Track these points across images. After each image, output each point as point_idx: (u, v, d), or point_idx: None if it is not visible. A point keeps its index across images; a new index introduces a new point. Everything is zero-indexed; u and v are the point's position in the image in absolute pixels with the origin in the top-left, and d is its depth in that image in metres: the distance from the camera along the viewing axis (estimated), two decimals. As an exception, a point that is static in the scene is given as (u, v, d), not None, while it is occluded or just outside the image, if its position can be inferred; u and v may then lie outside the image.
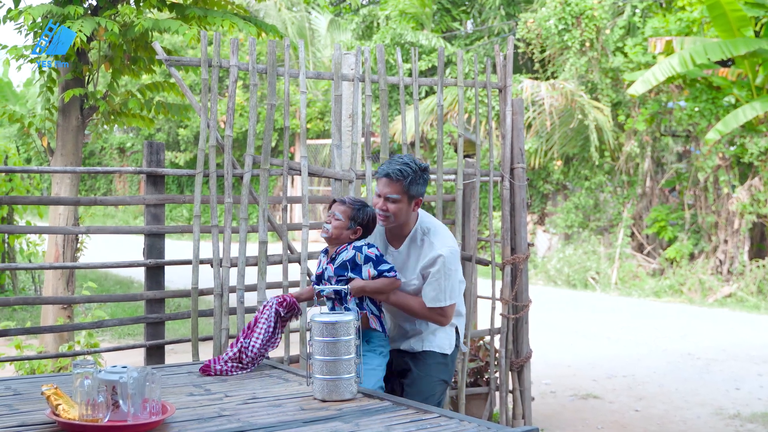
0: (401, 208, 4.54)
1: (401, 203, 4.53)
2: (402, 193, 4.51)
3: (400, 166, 4.51)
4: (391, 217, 4.57)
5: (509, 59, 6.95)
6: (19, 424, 3.41)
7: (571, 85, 19.22)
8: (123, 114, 9.50)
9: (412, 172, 4.51)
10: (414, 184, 4.53)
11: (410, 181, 4.50)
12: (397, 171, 4.49)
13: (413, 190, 4.53)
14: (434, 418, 3.66)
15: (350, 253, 4.48)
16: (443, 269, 4.51)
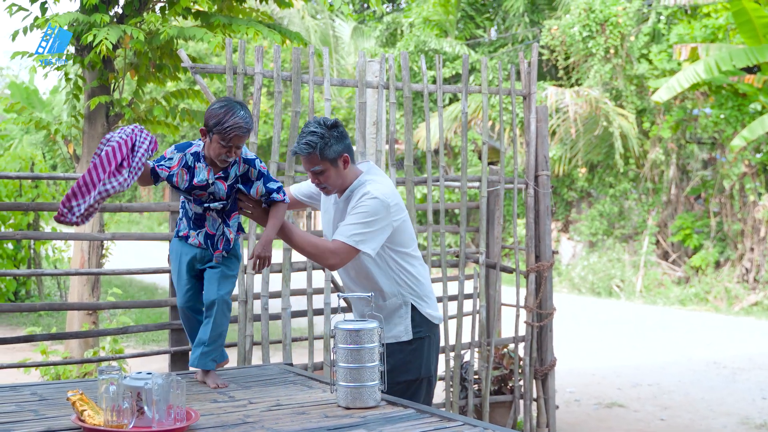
0: (330, 174, 4.34)
1: (328, 171, 4.33)
2: (321, 162, 4.30)
3: (305, 138, 4.31)
4: (328, 187, 4.40)
5: (534, 66, 6.93)
6: (46, 429, 3.43)
7: (595, 92, 19.16)
8: (148, 121, 9.55)
9: (319, 138, 4.28)
10: (327, 147, 4.29)
11: (321, 147, 4.28)
12: (303, 146, 4.30)
13: (330, 153, 4.30)
14: (458, 426, 3.65)
15: (242, 167, 4.34)
16: (362, 208, 4.30)
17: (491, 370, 6.89)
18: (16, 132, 26.55)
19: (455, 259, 7.08)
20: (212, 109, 4.20)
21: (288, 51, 21.99)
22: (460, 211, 6.70)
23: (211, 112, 4.19)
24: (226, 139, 4.15)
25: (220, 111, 4.16)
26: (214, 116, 4.16)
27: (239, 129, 4.15)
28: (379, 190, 4.35)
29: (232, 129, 4.14)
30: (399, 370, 4.47)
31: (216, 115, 4.16)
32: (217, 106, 4.19)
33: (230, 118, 4.14)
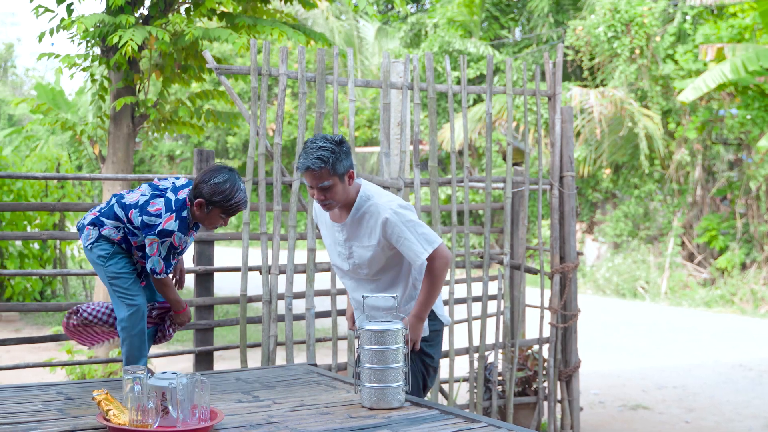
0: (338, 190, 4.27)
1: (336, 186, 4.26)
2: (331, 176, 4.22)
3: (317, 153, 4.20)
4: (332, 203, 4.32)
5: (558, 67, 6.91)
6: (71, 428, 3.45)
7: (620, 92, 19.07)
8: (173, 122, 9.59)
9: (331, 153, 4.20)
10: (338, 162, 4.22)
11: (333, 162, 4.20)
12: (317, 160, 4.18)
13: (340, 168, 4.23)
14: (483, 428, 3.64)
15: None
16: (401, 225, 4.29)
17: (515, 371, 6.88)
18: (42, 133, 26.71)
19: (479, 260, 7.06)
20: (216, 184, 4.23)
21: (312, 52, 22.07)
22: (485, 212, 6.69)
23: (215, 187, 4.23)
24: (230, 213, 4.31)
25: (225, 187, 4.23)
26: (219, 192, 4.23)
27: (243, 204, 4.32)
28: (394, 201, 4.39)
29: (238, 205, 4.29)
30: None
31: (221, 192, 4.23)
32: (220, 180, 4.23)
33: (236, 195, 4.26)
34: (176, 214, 4.26)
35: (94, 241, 4.35)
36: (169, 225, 4.23)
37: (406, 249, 4.30)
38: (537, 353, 7.19)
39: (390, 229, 4.29)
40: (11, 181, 12.79)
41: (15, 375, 8.85)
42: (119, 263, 4.36)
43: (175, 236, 4.25)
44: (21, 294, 13.10)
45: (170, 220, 4.24)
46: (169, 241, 4.24)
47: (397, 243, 4.31)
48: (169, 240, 4.24)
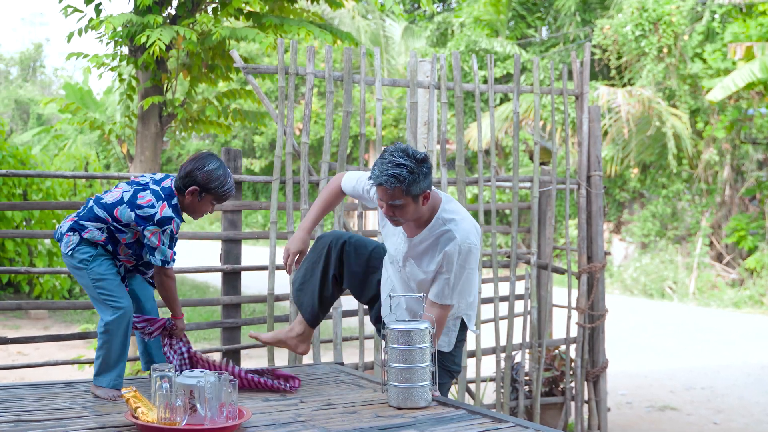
0: (409, 210, 4.01)
1: (408, 206, 3.99)
2: (404, 197, 3.95)
3: (393, 170, 3.92)
4: (401, 221, 4.07)
5: (586, 66, 6.89)
6: (100, 425, 3.47)
7: (648, 91, 18.96)
8: (200, 121, 9.61)
9: (408, 173, 3.91)
10: (415, 183, 3.93)
11: (409, 182, 3.91)
12: (391, 179, 3.91)
13: (415, 189, 3.95)
14: (510, 428, 3.63)
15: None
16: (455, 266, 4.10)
17: (542, 371, 6.86)
18: (71, 132, 26.87)
19: (506, 260, 7.04)
20: (209, 171, 4.22)
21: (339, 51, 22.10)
22: (512, 211, 6.67)
23: (209, 174, 4.21)
24: (222, 200, 4.31)
25: (219, 174, 4.23)
26: (215, 179, 4.22)
27: (233, 191, 4.35)
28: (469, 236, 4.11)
29: (230, 192, 4.31)
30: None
31: (216, 178, 4.22)
32: (214, 167, 4.23)
33: (228, 181, 4.27)
34: (168, 202, 4.20)
35: (75, 246, 4.21)
36: (165, 212, 4.16)
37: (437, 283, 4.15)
38: (564, 353, 7.16)
39: (446, 258, 4.10)
40: (40, 180, 12.89)
41: (44, 372, 8.91)
42: (103, 265, 4.22)
43: (174, 222, 4.19)
44: (50, 292, 13.19)
45: (165, 207, 4.17)
46: (170, 228, 4.18)
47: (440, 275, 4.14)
48: (170, 227, 4.17)
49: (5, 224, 12.11)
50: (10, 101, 41.72)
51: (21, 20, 76.67)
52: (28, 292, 13.34)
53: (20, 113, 41.35)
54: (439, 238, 4.12)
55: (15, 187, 12.34)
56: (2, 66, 52.52)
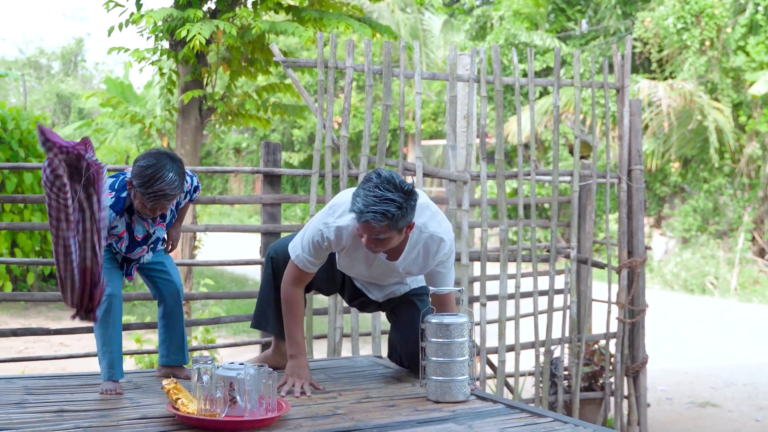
0: (392, 242, 3.85)
1: (392, 239, 3.83)
2: (389, 232, 3.78)
3: (380, 206, 3.68)
4: (381, 251, 3.93)
5: (627, 59, 6.83)
6: (141, 416, 3.50)
7: (689, 85, 18.77)
8: (240, 115, 9.67)
9: (397, 209, 3.70)
10: (402, 219, 3.76)
11: (397, 218, 3.73)
12: (379, 216, 3.69)
13: (402, 223, 3.79)
14: (549, 422, 3.62)
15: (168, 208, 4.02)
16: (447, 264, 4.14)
17: (581, 366, 6.82)
18: (112, 126, 27.09)
19: (546, 254, 7.01)
20: (139, 166, 3.78)
21: (378, 45, 22.11)
22: (551, 205, 6.64)
23: (137, 170, 3.78)
24: (149, 203, 3.82)
25: (146, 172, 3.75)
26: (140, 176, 3.76)
27: (164, 196, 3.79)
28: (447, 227, 4.10)
29: (156, 195, 3.78)
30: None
31: (142, 176, 3.75)
32: (144, 163, 3.77)
33: (155, 183, 3.75)
34: (116, 192, 3.91)
35: None
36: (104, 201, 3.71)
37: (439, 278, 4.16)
38: (604, 348, 7.12)
39: (444, 258, 4.11)
40: (82, 173, 13.01)
41: (85, 363, 8.99)
42: None
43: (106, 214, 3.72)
44: (91, 284, 13.30)
45: (108, 196, 3.84)
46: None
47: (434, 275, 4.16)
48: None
49: (47, 217, 12.24)
50: (52, 95, 42.16)
51: (62, 15, 77.44)
52: (70, 284, 13.48)
53: (62, 107, 41.78)
54: (426, 244, 4.05)
55: (57, 180, 12.47)
56: (44, 61, 53.09)
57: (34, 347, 10.16)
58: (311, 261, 4.10)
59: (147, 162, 3.77)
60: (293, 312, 4.19)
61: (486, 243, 6.31)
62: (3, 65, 47.64)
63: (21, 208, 11.97)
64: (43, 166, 3.50)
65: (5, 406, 3.59)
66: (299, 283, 4.18)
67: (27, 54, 54.55)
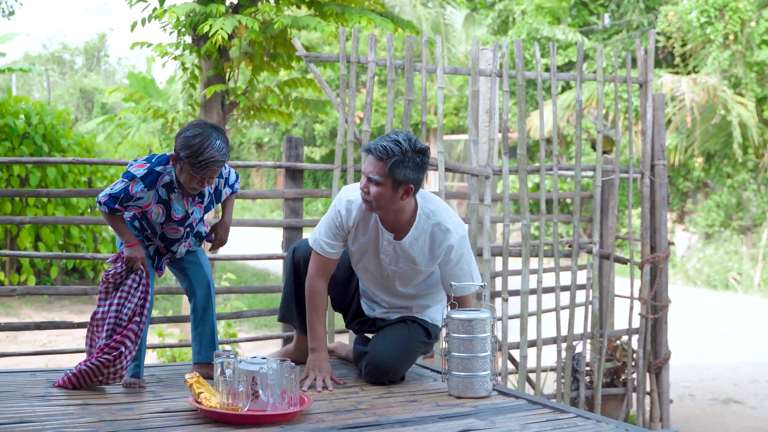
0: (382, 193, 3.88)
1: (383, 187, 3.87)
2: (384, 176, 3.85)
3: (387, 142, 3.85)
4: (372, 202, 3.94)
5: (650, 53, 6.79)
6: (164, 410, 3.52)
7: (713, 79, 18.65)
8: (262, 109, 9.67)
9: (400, 152, 3.82)
10: (399, 166, 3.84)
11: (394, 162, 3.82)
12: (381, 148, 3.84)
13: (398, 173, 3.84)
14: (571, 418, 3.61)
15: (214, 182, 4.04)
16: (461, 256, 4.12)
17: (603, 362, 6.80)
18: (134, 120, 27.24)
19: (568, 249, 6.99)
20: (186, 137, 3.79)
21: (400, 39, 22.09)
22: (574, 200, 6.62)
23: (184, 140, 3.79)
24: (199, 173, 3.81)
25: (194, 141, 3.76)
26: (188, 146, 3.77)
27: (214, 163, 3.80)
28: (458, 222, 4.14)
29: (207, 163, 3.78)
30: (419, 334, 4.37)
31: (190, 146, 3.76)
32: (191, 133, 3.79)
33: (205, 151, 3.76)
34: (150, 165, 3.89)
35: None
36: (137, 170, 3.86)
37: (455, 278, 4.14)
38: (626, 344, 7.09)
39: (452, 254, 4.10)
40: (105, 167, 13.09)
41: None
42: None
43: (134, 183, 3.84)
44: (114, 278, 13.35)
45: (141, 167, 3.87)
46: (128, 185, 3.84)
47: (451, 270, 4.15)
48: (128, 184, 3.84)
49: (71, 211, 12.32)
50: (75, 90, 42.41)
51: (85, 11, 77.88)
52: (93, 277, 13.56)
53: (85, 102, 42.01)
54: (432, 232, 4.10)
55: (80, 174, 12.54)
56: (67, 56, 53.42)
57: (58, 340, 10.24)
58: (328, 243, 4.18)
59: (193, 132, 3.80)
60: (316, 304, 4.22)
61: (508, 238, 6.29)
62: (27, 60, 47.96)
63: (44, 202, 12.05)
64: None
65: (30, 399, 3.62)
66: (322, 273, 4.22)
67: (50, 49, 54.93)
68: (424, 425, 3.41)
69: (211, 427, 3.31)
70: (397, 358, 4.17)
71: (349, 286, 4.53)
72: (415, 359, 4.33)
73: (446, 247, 4.08)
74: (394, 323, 4.35)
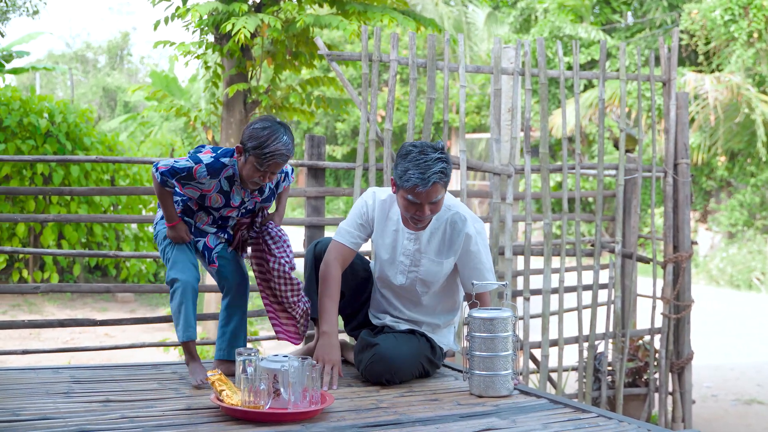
0: (442, 201, 4.08)
1: (443, 197, 4.06)
2: (443, 189, 4.02)
3: (437, 166, 3.92)
4: (430, 218, 4.14)
5: (674, 51, 6.76)
6: (186, 407, 3.53)
7: (737, 77, 18.53)
8: (284, 108, 9.70)
9: (447, 164, 3.97)
10: (451, 172, 4.05)
11: (449, 173, 4.01)
12: (440, 175, 3.93)
13: (450, 177, 4.05)
14: (593, 418, 3.60)
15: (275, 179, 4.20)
16: (480, 246, 4.20)
17: (625, 361, 6.77)
18: (157, 119, 27.33)
19: (590, 249, 6.97)
20: (254, 128, 3.89)
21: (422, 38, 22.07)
22: (596, 199, 6.59)
23: (252, 132, 3.89)
24: (264, 165, 3.88)
25: (262, 133, 3.86)
26: (255, 137, 3.86)
27: (280, 156, 3.88)
28: (474, 215, 4.27)
29: (272, 155, 3.86)
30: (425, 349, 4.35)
31: (257, 137, 3.86)
32: (260, 126, 3.89)
33: (272, 143, 3.84)
34: (216, 155, 3.98)
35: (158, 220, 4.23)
36: (204, 157, 3.94)
37: (476, 273, 4.20)
38: (648, 344, 7.06)
39: (471, 245, 4.18)
40: (127, 165, 13.14)
41: (130, 354, 9.11)
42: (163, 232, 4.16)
43: (199, 167, 3.91)
44: (136, 275, 13.45)
45: (208, 153, 3.98)
46: (192, 167, 3.90)
47: (469, 263, 4.21)
48: (192, 166, 3.90)
49: (94, 209, 12.38)
50: (98, 89, 42.64)
51: (109, 10, 78.23)
52: (115, 275, 13.63)
53: (108, 101, 42.24)
54: (452, 221, 4.20)
55: (103, 172, 12.60)
56: (91, 55, 53.70)
57: (80, 338, 10.30)
58: (349, 231, 4.30)
59: (262, 124, 3.90)
60: (329, 287, 4.26)
61: (530, 237, 6.28)
62: (50, 59, 48.24)
63: (68, 200, 12.12)
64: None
65: (52, 396, 3.64)
66: (339, 260, 4.29)
67: (74, 48, 55.23)
68: (446, 424, 3.41)
69: (233, 424, 3.32)
70: (404, 359, 4.15)
71: (362, 294, 4.55)
72: (416, 372, 4.25)
73: (465, 235, 4.17)
74: (403, 331, 4.35)
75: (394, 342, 4.18)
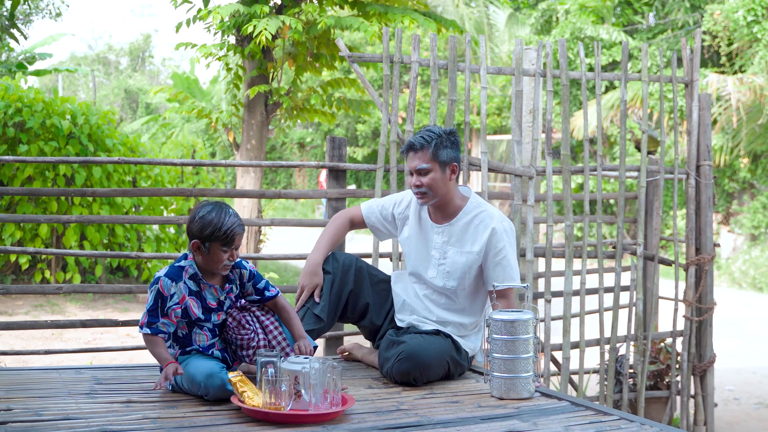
0: (435, 178, 4.23)
1: (434, 172, 4.23)
2: (431, 161, 4.21)
3: (422, 133, 4.27)
4: (428, 192, 4.27)
5: (696, 52, 6.73)
6: (207, 408, 3.54)
7: (760, 79, 18.42)
8: (305, 109, 9.72)
9: (437, 136, 4.23)
10: (441, 147, 4.23)
11: (436, 145, 4.22)
12: (420, 138, 4.24)
13: (443, 154, 4.23)
14: (614, 420, 3.58)
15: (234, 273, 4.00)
16: (507, 244, 4.28)
17: (647, 364, 6.74)
18: (178, 121, 27.43)
19: (612, 251, 6.94)
20: (200, 218, 3.82)
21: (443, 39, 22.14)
22: (618, 201, 6.57)
23: (200, 223, 3.81)
24: (228, 242, 3.83)
25: (211, 217, 3.81)
26: (207, 224, 3.80)
27: (239, 227, 3.87)
28: (505, 218, 4.39)
29: (232, 230, 3.83)
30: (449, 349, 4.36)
31: (209, 223, 3.80)
32: (203, 213, 3.83)
33: (225, 220, 3.81)
34: (170, 265, 3.93)
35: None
36: (157, 274, 3.88)
37: (500, 269, 4.27)
38: (670, 346, 7.02)
39: (496, 240, 4.27)
40: (149, 167, 13.19)
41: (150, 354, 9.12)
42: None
43: (162, 282, 3.83)
44: (157, 277, 13.45)
45: (164, 269, 3.92)
46: (156, 288, 3.83)
47: (494, 258, 4.28)
48: (156, 286, 3.83)
49: (115, 210, 12.43)
50: (120, 91, 42.84)
51: (131, 12, 78.74)
52: (137, 276, 13.67)
53: (129, 102, 42.44)
54: (479, 216, 4.35)
55: (125, 174, 12.65)
56: (113, 56, 53.98)
57: (102, 338, 10.33)
58: (370, 206, 4.68)
59: (205, 210, 3.84)
60: (333, 227, 4.64)
61: (551, 239, 6.26)
62: (73, 61, 48.53)
63: (90, 201, 12.17)
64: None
65: (75, 396, 3.66)
66: (354, 219, 4.69)
67: (96, 50, 55.56)
68: (467, 426, 3.41)
69: (254, 426, 3.33)
70: (432, 356, 4.15)
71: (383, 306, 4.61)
72: (441, 372, 4.24)
73: (491, 229, 4.28)
74: (428, 332, 4.36)
75: (421, 340, 4.20)
